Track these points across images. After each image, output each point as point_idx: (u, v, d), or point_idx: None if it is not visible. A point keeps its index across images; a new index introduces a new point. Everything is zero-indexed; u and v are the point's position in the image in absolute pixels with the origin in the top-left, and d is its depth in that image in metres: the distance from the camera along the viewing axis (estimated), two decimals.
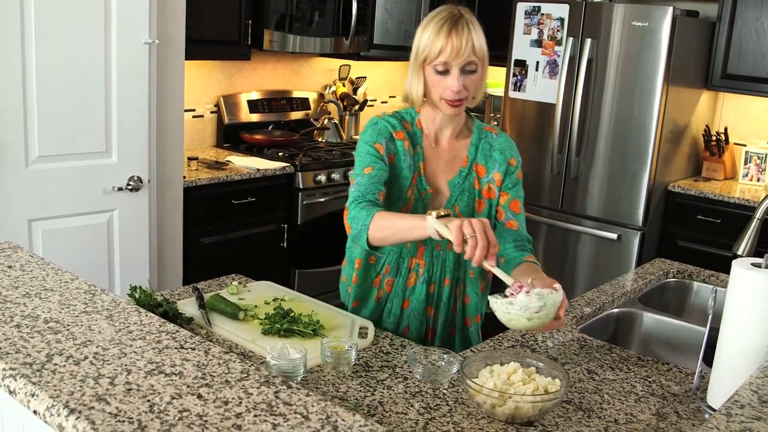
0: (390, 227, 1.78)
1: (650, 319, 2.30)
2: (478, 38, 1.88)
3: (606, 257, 4.30)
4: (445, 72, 1.89)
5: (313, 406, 1.15)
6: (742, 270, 1.54)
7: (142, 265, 3.35)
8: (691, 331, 2.22)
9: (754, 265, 1.56)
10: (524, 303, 1.61)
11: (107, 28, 3.02)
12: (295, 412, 1.13)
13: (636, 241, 4.20)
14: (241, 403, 1.15)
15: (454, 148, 2.04)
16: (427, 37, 1.89)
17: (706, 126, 4.48)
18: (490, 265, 1.63)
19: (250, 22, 4.13)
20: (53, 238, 3.06)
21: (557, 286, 1.67)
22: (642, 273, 2.59)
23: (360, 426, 1.10)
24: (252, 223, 4.07)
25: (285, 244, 4.24)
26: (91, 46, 2.99)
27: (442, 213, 1.70)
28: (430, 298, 2.07)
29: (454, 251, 1.91)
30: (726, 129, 4.49)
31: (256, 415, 1.12)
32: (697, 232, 4.16)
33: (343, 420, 1.12)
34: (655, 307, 2.44)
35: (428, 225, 1.68)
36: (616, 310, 2.32)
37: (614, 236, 4.23)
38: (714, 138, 4.46)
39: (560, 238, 4.45)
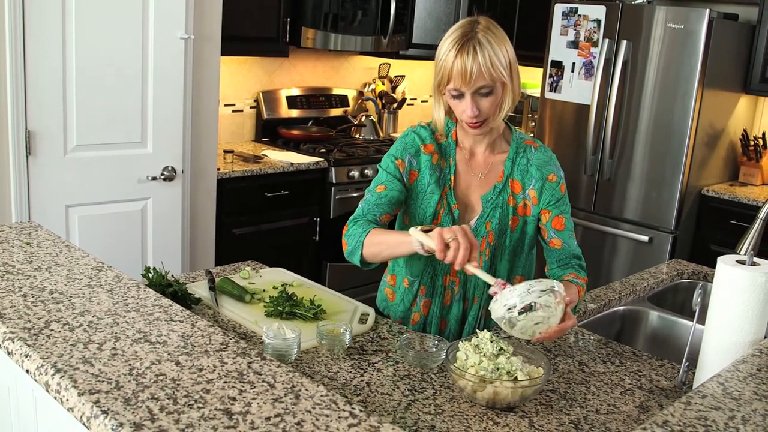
0: (381, 242, 1.80)
1: (656, 317, 2.31)
2: (488, 59, 1.75)
3: (637, 260, 4.28)
4: (460, 96, 1.82)
5: (281, 376, 1.22)
6: (725, 266, 1.56)
7: (174, 253, 3.47)
8: (698, 332, 2.22)
9: (739, 262, 1.57)
10: (505, 297, 1.60)
11: (144, 23, 3.14)
12: (263, 381, 1.20)
13: (668, 245, 4.17)
14: (214, 370, 1.23)
15: (490, 162, 1.97)
16: (440, 60, 1.80)
17: (744, 130, 4.43)
18: (473, 267, 1.62)
19: (288, 20, 4.23)
20: (89, 224, 3.19)
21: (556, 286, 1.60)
22: (655, 272, 2.59)
23: (321, 395, 1.17)
24: (284, 216, 4.16)
25: (317, 238, 4.32)
26: (129, 40, 3.12)
27: (426, 228, 1.71)
28: (464, 316, 2.03)
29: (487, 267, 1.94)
30: (764, 134, 4.42)
31: (225, 382, 1.19)
32: (731, 237, 4.10)
33: (306, 390, 1.19)
34: (667, 308, 2.45)
35: (413, 239, 1.69)
36: (622, 308, 2.34)
37: (645, 239, 4.21)
38: (752, 142, 4.41)
39: (593, 240, 4.44)
